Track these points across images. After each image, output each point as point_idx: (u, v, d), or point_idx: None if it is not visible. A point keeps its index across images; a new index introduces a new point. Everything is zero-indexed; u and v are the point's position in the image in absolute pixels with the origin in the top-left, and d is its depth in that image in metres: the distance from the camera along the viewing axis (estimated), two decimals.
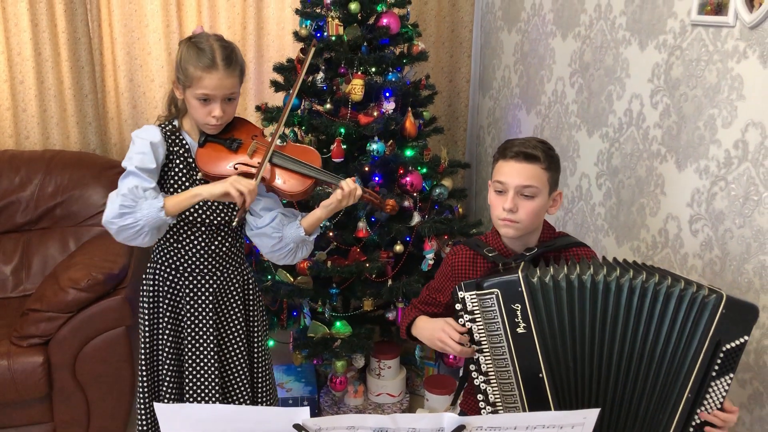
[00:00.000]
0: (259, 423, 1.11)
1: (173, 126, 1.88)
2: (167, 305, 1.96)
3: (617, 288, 1.50)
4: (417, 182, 2.76)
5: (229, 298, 2.02)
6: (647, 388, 1.52)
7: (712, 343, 1.47)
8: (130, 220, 1.69)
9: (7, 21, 3.06)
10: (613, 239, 2.42)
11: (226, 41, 1.82)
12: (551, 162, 1.68)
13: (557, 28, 2.76)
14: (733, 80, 1.80)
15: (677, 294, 1.48)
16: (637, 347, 1.50)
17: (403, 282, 2.73)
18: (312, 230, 1.92)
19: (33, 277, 2.95)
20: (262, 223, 1.92)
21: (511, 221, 1.65)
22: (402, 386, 3.01)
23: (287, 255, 1.94)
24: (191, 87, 1.77)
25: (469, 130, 3.88)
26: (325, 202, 1.86)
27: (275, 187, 1.86)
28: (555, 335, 1.51)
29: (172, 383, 1.99)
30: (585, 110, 2.56)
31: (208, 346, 1.97)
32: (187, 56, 1.77)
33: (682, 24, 2.00)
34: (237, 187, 1.71)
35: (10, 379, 2.40)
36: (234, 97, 1.82)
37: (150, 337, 1.99)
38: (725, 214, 1.86)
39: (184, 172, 1.86)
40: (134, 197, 1.70)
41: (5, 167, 2.99)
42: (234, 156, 1.85)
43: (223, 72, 1.75)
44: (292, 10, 3.26)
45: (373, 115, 2.74)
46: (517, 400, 1.52)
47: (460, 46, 3.76)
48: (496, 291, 1.51)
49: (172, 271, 1.95)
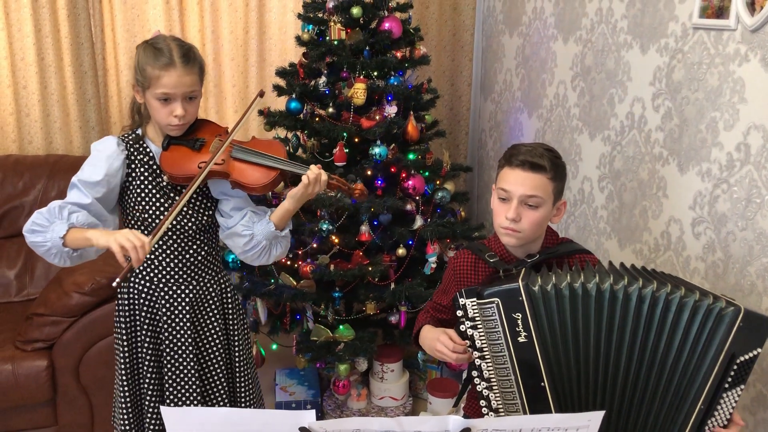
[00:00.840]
0: (265, 426, 1.11)
1: (136, 134, 1.86)
2: (144, 317, 1.92)
3: (625, 296, 1.48)
4: (419, 186, 2.77)
5: (206, 307, 1.98)
6: (657, 398, 1.50)
7: (727, 355, 1.45)
8: (39, 239, 1.69)
9: (10, 26, 3.08)
10: (615, 242, 2.42)
11: (183, 41, 1.81)
12: (557, 171, 1.65)
13: (558, 32, 2.77)
14: (735, 83, 1.81)
15: (691, 305, 1.46)
16: (647, 357, 1.49)
17: (405, 285, 2.73)
18: (283, 224, 1.88)
19: (36, 281, 2.96)
20: (232, 223, 1.89)
21: (514, 230, 1.63)
22: (405, 389, 3.01)
23: (261, 254, 1.90)
24: (150, 87, 1.75)
25: (471, 133, 3.89)
26: (292, 192, 1.83)
27: (238, 181, 1.82)
28: (557, 344, 1.50)
29: (155, 393, 1.95)
30: (587, 113, 2.57)
31: (188, 356, 1.93)
32: (144, 57, 1.75)
33: (684, 27, 2.00)
34: (119, 241, 1.59)
35: (14, 383, 2.41)
36: (195, 95, 1.80)
37: (129, 351, 1.95)
38: (728, 216, 1.86)
39: (149, 179, 1.84)
40: (50, 217, 1.70)
41: (9, 172, 3.00)
42: (197, 155, 1.83)
43: (181, 69, 1.74)
44: (294, 15, 3.27)
45: (376, 119, 2.74)
46: (519, 408, 1.52)
47: (461, 50, 3.77)
48: (497, 300, 1.50)
49: (146, 282, 1.91)
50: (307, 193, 1.82)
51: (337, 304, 2.81)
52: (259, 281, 2.84)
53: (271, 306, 2.89)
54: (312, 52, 2.83)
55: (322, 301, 2.78)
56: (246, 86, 3.53)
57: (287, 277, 2.75)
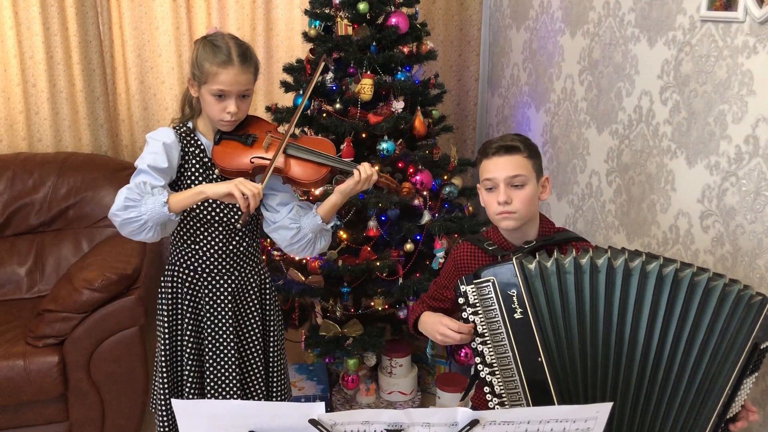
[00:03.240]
0: (275, 418, 1.12)
1: (188, 127, 1.91)
2: (187, 306, 1.97)
3: (642, 274, 1.46)
4: (427, 181, 2.77)
5: (246, 298, 2.03)
6: (682, 387, 1.47)
7: (752, 344, 1.45)
8: (134, 214, 1.69)
9: (19, 25, 3.09)
10: (623, 236, 2.42)
11: (241, 40, 1.86)
12: (531, 150, 1.72)
13: (566, 26, 2.77)
14: (744, 76, 1.80)
15: (721, 288, 1.44)
16: (670, 341, 1.46)
17: (413, 280, 2.74)
18: (329, 217, 1.94)
19: (47, 278, 2.98)
20: (279, 217, 1.93)
21: (509, 212, 1.68)
22: (413, 384, 3.02)
23: (306, 246, 1.95)
24: (207, 83, 1.80)
25: (479, 128, 3.89)
26: (340, 187, 1.89)
27: (291, 177, 1.88)
28: (555, 319, 1.50)
29: (194, 382, 2.00)
30: (594, 107, 2.56)
31: (228, 344, 1.99)
32: (203, 53, 1.80)
33: (692, 20, 2.00)
34: (240, 188, 1.69)
35: (26, 378, 2.43)
36: (248, 94, 1.86)
37: (170, 338, 2.00)
38: (736, 209, 1.86)
39: (201, 171, 1.89)
40: (140, 192, 1.72)
41: (19, 170, 3.02)
42: (250, 150, 1.87)
43: (238, 68, 1.79)
44: (301, 11, 3.28)
45: (383, 114, 2.75)
46: (518, 385, 1.52)
47: (468, 45, 3.76)
48: (492, 278, 1.53)
49: (190, 272, 1.97)
50: (357, 189, 1.88)
51: (346, 300, 2.82)
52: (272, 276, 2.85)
53: (280, 301, 2.90)
54: (319, 48, 2.84)
55: (331, 296, 2.79)
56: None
57: (296, 273, 2.76)
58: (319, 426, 1.10)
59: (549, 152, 2.97)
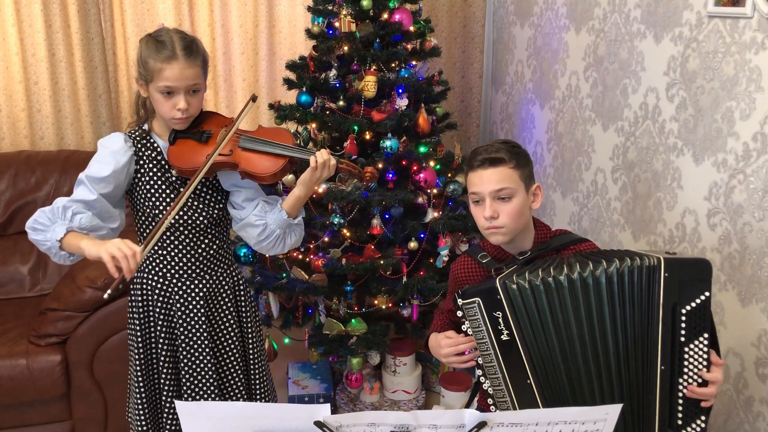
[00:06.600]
0: (280, 420, 1.11)
1: (142, 130, 1.86)
2: (159, 312, 1.92)
3: (595, 282, 1.49)
4: (431, 178, 2.76)
5: (220, 301, 1.98)
6: (640, 378, 1.50)
7: (667, 309, 1.45)
8: (40, 237, 1.70)
9: (21, 22, 3.08)
10: (629, 234, 2.40)
11: (186, 33, 1.80)
12: (518, 159, 1.65)
13: (571, 22, 2.75)
14: (752, 72, 1.78)
15: (620, 272, 1.47)
16: (622, 337, 1.49)
17: (417, 278, 2.72)
18: (295, 212, 1.88)
19: (50, 276, 2.98)
20: (245, 214, 1.88)
21: (496, 228, 1.63)
22: (418, 383, 3.01)
23: (276, 243, 1.89)
24: (153, 81, 1.74)
25: (482, 125, 3.87)
26: (301, 178, 1.83)
27: (248, 170, 1.82)
28: (541, 339, 1.50)
29: (171, 388, 1.96)
30: (600, 104, 2.55)
31: (204, 350, 1.94)
32: (146, 50, 1.75)
33: (699, 16, 1.98)
34: (110, 251, 1.58)
35: (29, 377, 2.42)
36: (198, 88, 1.79)
37: (144, 346, 1.95)
38: (744, 207, 1.84)
39: (158, 174, 1.84)
40: (52, 217, 1.71)
41: (21, 168, 3.01)
42: (205, 147, 1.82)
43: (183, 62, 1.73)
44: (303, 8, 3.26)
45: (386, 111, 2.73)
46: (509, 407, 1.53)
47: (472, 42, 3.75)
48: (477, 299, 1.51)
49: (160, 278, 1.91)
50: (316, 177, 1.81)
51: (349, 298, 2.81)
52: (271, 275, 2.84)
53: (284, 300, 2.89)
54: (322, 45, 2.82)
55: (334, 294, 2.78)
56: (256, 80, 3.53)
57: (299, 271, 2.75)
58: (325, 428, 1.09)
59: (554, 149, 2.96)
